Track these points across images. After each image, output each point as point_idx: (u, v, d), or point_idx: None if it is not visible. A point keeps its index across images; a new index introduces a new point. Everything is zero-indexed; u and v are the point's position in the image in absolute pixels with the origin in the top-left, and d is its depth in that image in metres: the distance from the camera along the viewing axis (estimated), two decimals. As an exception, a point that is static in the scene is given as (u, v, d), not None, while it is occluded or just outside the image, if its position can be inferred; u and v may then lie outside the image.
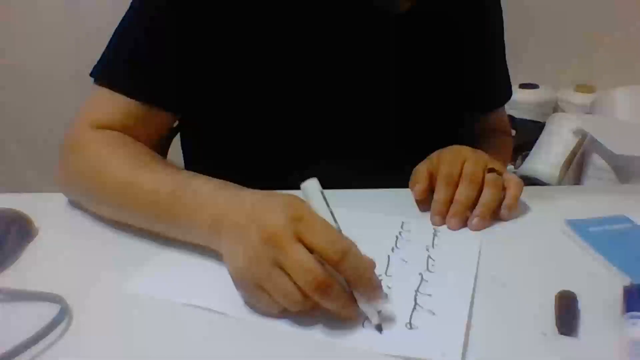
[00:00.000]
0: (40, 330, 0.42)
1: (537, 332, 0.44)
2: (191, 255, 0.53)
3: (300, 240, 0.42)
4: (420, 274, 0.50)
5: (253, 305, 0.45)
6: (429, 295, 0.47)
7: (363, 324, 0.44)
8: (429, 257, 0.53)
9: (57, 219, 0.61)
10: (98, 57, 0.67)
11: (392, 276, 0.50)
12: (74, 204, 0.63)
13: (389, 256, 0.53)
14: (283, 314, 0.44)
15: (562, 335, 0.43)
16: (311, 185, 0.45)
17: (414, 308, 0.46)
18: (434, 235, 0.57)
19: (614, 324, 0.44)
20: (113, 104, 0.63)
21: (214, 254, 0.51)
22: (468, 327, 0.44)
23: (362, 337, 0.43)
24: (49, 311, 0.44)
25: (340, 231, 0.44)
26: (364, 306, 0.43)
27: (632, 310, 0.42)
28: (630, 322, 0.42)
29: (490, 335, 0.43)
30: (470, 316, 0.45)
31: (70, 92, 0.88)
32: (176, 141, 0.86)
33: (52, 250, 0.56)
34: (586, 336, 0.43)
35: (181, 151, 0.82)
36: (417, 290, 0.48)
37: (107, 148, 0.61)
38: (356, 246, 0.43)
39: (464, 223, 0.59)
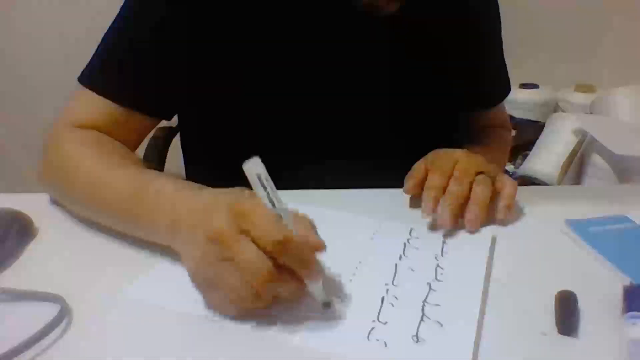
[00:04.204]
0: (40, 330, 0.42)
1: (537, 332, 0.44)
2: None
3: (246, 235, 0.42)
4: (429, 283, 0.49)
5: (210, 304, 0.45)
6: (437, 305, 0.46)
7: (368, 337, 0.43)
8: (437, 266, 0.52)
9: (57, 219, 0.61)
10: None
11: (399, 286, 0.49)
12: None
13: (396, 264, 0.52)
14: (240, 312, 0.44)
15: (562, 335, 0.43)
16: (248, 169, 0.42)
17: (421, 319, 0.44)
18: (443, 243, 0.56)
19: (614, 324, 0.44)
20: (94, 106, 0.64)
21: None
22: (477, 339, 0.43)
23: (367, 350, 0.41)
24: (49, 311, 0.44)
25: (280, 216, 0.42)
26: (311, 286, 0.44)
27: (632, 310, 0.42)
28: (630, 322, 0.42)
29: (490, 335, 0.43)
30: (479, 328, 0.44)
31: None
32: (176, 141, 0.86)
33: (52, 250, 0.56)
34: (586, 336, 0.43)
35: (181, 151, 0.82)
36: (424, 301, 0.47)
37: (79, 147, 0.61)
38: (291, 232, 0.42)
39: (456, 218, 0.58)
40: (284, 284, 0.42)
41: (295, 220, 0.43)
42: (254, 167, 0.42)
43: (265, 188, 0.42)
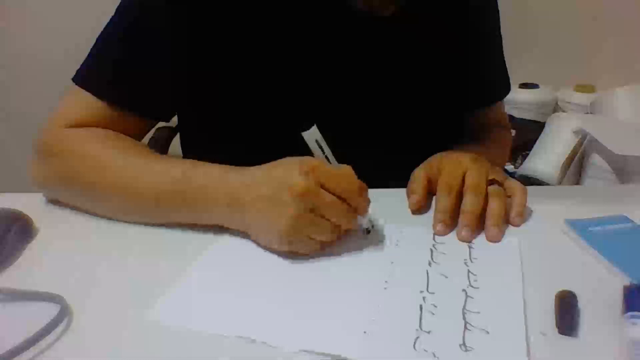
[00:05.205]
0: (40, 330, 0.42)
1: (537, 332, 0.44)
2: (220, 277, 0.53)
3: (323, 187, 0.51)
4: (464, 290, 0.48)
5: (298, 250, 0.52)
6: (478, 312, 0.45)
7: (414, 347, 0.41)
8: (469, 271, 0.51)
9: (57, 219, 0.61)
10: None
11: (435, 293, 0.48)
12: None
13: (427, 271, 0.51)
14: (321, 247, 0.54)
15: (562, 335, 0.43)
16: (309, 136, 0.54)
17: (465, 327, 0.44)
18: (470, 247, 0.56)
19: (614, 324, 0.44)
20: (91, 106, 0.64)
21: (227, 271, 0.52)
22: (527, 345, 0.42)
23: None
24: (49, 311, 0.44)
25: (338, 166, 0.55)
26: (360, 219, 0.55)
27: (632, 310, 0.42)
28: (630, 322, 0.42)
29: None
30: (527, 335, 0.43)
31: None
32: (176, 141, 0.86)
33: (52, 250, 0.56)
34: (586, 336, 0.43)
35: (181, 151, 0.82)
36: (464, 308, 0.46)
37: (97, 145, 0.61)
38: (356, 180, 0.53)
39: (475, 232, 0.58)
40: (352, 218, 0.54)
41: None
42: (313, 134, 0.54)
43: (323, 151, 0.55)
